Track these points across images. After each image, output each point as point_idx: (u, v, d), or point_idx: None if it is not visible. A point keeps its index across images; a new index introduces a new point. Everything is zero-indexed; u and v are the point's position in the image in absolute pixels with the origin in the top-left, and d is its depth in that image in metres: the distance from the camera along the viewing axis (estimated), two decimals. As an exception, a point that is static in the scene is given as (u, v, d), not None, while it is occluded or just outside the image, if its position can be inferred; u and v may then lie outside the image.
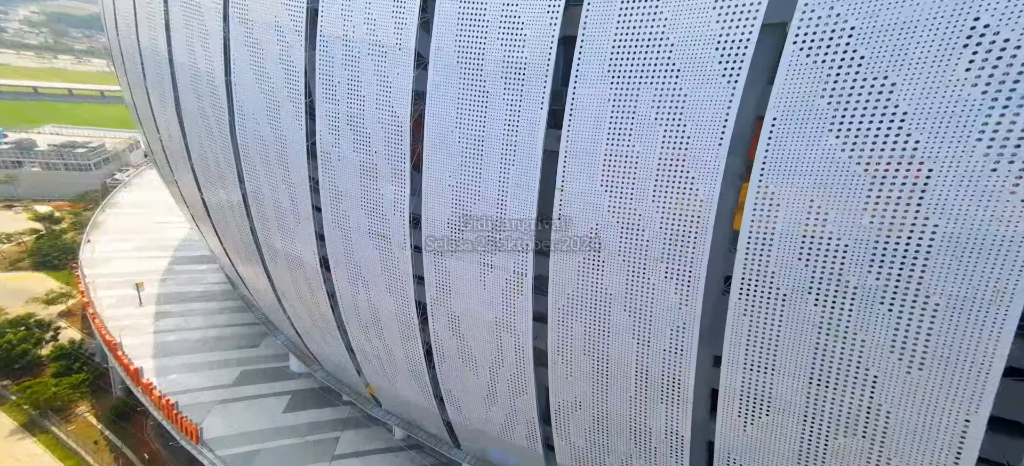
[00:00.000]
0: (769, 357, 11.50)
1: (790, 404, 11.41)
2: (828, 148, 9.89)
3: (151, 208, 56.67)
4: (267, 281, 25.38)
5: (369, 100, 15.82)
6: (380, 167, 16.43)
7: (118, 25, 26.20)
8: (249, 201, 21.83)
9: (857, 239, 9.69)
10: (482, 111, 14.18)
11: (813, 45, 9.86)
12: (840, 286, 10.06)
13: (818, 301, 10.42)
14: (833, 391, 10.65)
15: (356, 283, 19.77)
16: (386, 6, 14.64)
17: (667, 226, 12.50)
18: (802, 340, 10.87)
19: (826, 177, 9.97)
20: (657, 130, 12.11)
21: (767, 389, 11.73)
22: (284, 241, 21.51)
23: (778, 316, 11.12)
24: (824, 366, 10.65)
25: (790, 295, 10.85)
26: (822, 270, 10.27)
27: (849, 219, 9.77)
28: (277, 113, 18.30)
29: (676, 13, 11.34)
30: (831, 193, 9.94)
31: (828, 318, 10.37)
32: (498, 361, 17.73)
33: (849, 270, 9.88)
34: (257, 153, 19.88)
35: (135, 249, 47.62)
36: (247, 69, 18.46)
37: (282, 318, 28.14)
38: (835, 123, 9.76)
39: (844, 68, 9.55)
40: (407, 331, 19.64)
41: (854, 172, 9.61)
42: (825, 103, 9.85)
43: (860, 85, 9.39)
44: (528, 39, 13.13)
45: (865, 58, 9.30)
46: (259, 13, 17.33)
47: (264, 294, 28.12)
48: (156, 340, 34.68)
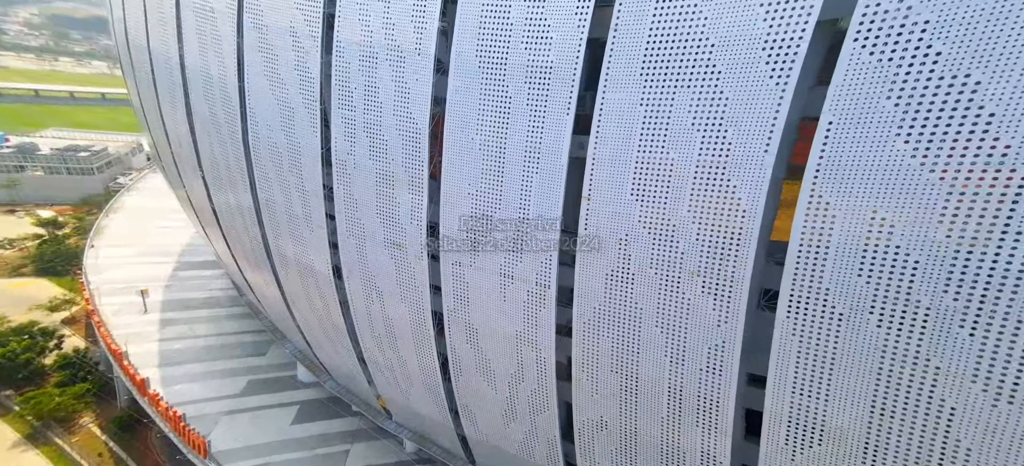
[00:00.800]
0: (823, 382, 10.58)
1: (848, 434, 10.50)
2: (895, 154, 8.95)
3: (154, 213, 55.99)
4: (277, 289, 24.67)
5: (386, 106, 15.08)
6: (397, 174, 15.65)
7: (127, 28, 25.60)
8: (260, 207, 21.16)
9: (931, 255, 8.75)
10: (504, 117, 13.36)
11: (878, 41, 8.91)
12: (909, 306, 9.13)
13: (882, 322, 9.49)
14: (899, 422, 9.73)
15: (370, 292, 19.00)
16: (405, 10, 13.97)
17: (705, 238, 11.60)
18: (862, 364, 9.95)
19: (892, 186, 9.03)
20: (694, 136, 11.21)
21: (820, 416, 10.82)
22: (296, 248, 20.78)
23: (834, 337, 10.20)
24: (889, 394, 9.72)
25: (848, 314, 9.92)
26: (887, 288, 9.33)
27: (921, 233, 8.82)
28: (291, 119, 17.70)
29: (718, 12, 10.47)
30: (899, 203, 9.00)
31: (894, 341, 9.44)
32: (518, 376, 16.89)
33: (920, 289, 8.95)
34: (270, 160, 19.24)
35: (139, 254, 46.99)
36: (261, 75, 17.92)
37: (291, 326, 27.44)
38: (904, 126, 8.81)
39: (916, 66, 8.59)
40: (422, 342, 18.85)
41: (927, 181, 8.66)
42: (892, 105, 8.91)
43: (936, 85, 8.43)
44: (554, 42, 12.36)
45: (942, 54, 8.34)
46: (274, 18, 16.79)
47: (273, 302, 27.44)
48: (161, 348, 34.03)
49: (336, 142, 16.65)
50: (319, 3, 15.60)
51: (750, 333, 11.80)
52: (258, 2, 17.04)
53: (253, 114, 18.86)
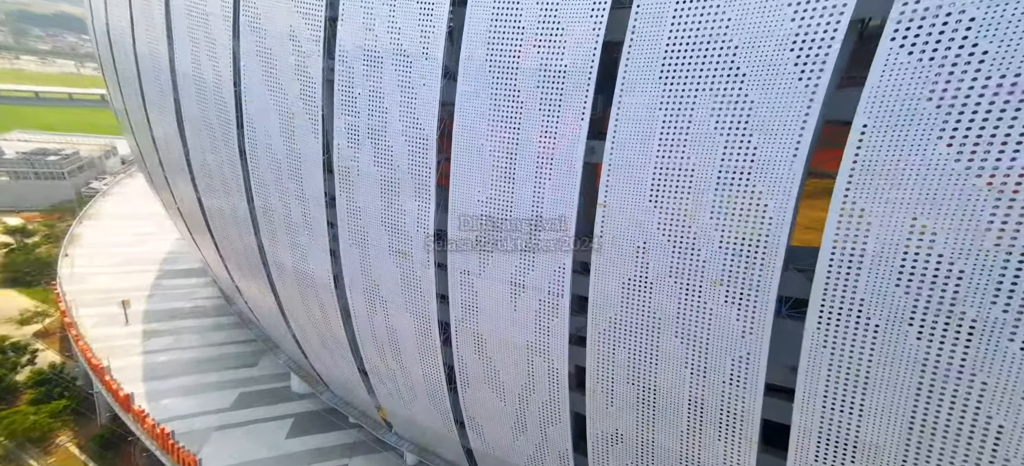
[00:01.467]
0: (857, 396, 10.20)
1: (883, 451, 10.14)
2: (937, 158, 8.52)
3: (133, 219, 53.34)
4: (272, 298, 23.58)
5: (392, 112, 14.35)
6: (403, 182, 14.88)
7: (110, 28, 24.13)
8: (257, 214, 20.12)
9: (977, 265, 8.37)
10: (516, 122, 12.71)
11: (918, 40, 8.46)
12: (953, 318, 8.76)
13: (922, 335, 9.11)
14: (941, 440, 9.38)
15: (373, 302, 18.17)
16: (412, 14, 13.28)
17: (728, 246, 11.10)
18: (900, 379, 9.57)
19: (934, 192, 8.61)
20: (717, 141, 10.69)
21: (853, 432, 10.45)
22: (294, 257, 19.78)
23: (869, 350, 9.80)
24: (929, 410, 9.36)
25: (885, 326, 9.52)
26: (928, 299, 8.94)
27: (966, 241, 8.43)
28: (291, 125, 16.86)
29: (742, 13, 9.95)
30: (941, 210, 8.59)
31: (935, 354, 9.07)
32: (529, 387, 16.27)
33: (965, 300, 8.57)
34: (268, 166, 18.29)
35: (118, 263, 44.70)
36: (259, 80, 17.00)
37: (285, 336, 26.34)
38: (947, 129, 8.39)
39: (960, 66, 8.16)
40: (427, 353, 18.10)
41: (973, 186, 8.26)
42: (933, 106, 8.47)
43: (982, 85, 8.01)
44: (568, 45, 11.73)
45: (988, 54, 7.92)
46: (273, 22, 15.91)
47: (267, 311, 26.32)
48: (146, 362, 32.33)
49: (339, 148, 15.81)
50: (321, 6, 14.76)
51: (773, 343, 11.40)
52: (255, 5, 16.08)
53: (250, 119, 17.90)
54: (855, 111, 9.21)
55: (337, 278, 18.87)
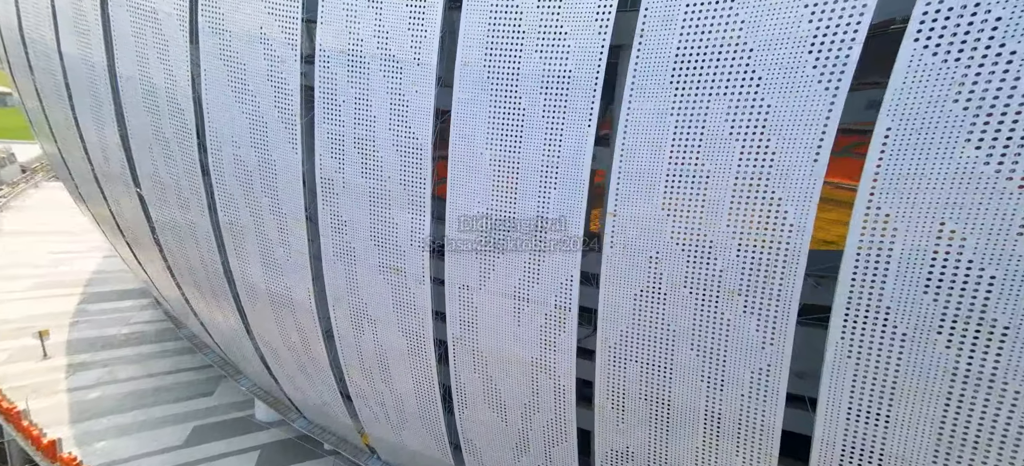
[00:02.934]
0: (882, 407, 9.86)
1: (911, 463, 9.80)
2: (965, 161, 8.30)
3: (44, 236, 46.53)
4: (238, 320, 21.81)
5: (381, 121, 13.31)
6: (394, 193, 13.84)
7: (22, 24, 21.31)
8: (223, 232, 18.45)
9: (1010, 270, 8.14)
10: (518, 130, 12.02)
11: (942, 41, 8.26)
12: (983, 326, 8.51)
13: (952, 343, 8.83)
14: (971, 450, 9.11)
15: (361, 322, 16.97)
16: (400, 17, 12.32)
17: (746, 254, 10.67)
18: (928, 389, 9.27)
19: (963, 195, 8.38)
20: (733, 146, 10.29)
21: (879, 444, 10.10)
22: (268, 277, 18.28)
23: (896, 359, 9.48)
24: (959, 420, 9.09)
25: (912, 335, 9.22)
26: (958, 306, 8.68)
27: (997, 245, 8.21)
28: (264, 134, 15.39)
29: (756, 15, 9.59)
30: (970, 214, 8.36)
31: (966, 363, 8.80)
32: (532, 405, 15.43)
33: (997, 307, 8.33)
34: (236, 179, 16.68)
35: (30, 288, 38.69)
36: (223, 86, 15.42)
37: (251, 360, 24.38)
38: (975, 131, 8.18)
39: (986, 67, 7.98)
40: (422, 374, 17.00)
41: (1004, 189, 8.05)
42: (961, 108, 8.27)
43: (1011, 86, 7.83)
44: (572, 50, 11.16)
45: (1017, 53, 7.75)
46: (238, 23, 14.45)
47: (230, 334, 24.28)
48: (73, 400, 27.86)
49: (321, 159, 14.61)
50: (296, 7, 13.61)
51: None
52: (217, 5, 14.77)
53: (214, 128, 16.24)
54: (878, 114, 8.96)
55: (319, 297, 17.60)
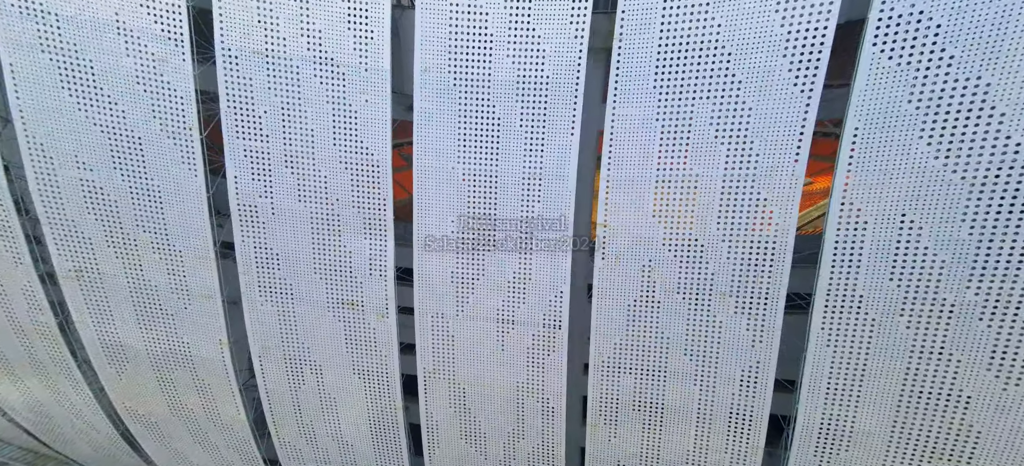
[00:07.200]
0: (854, 388, 10.74)
1: (872, 435, 10.88)
2: (920, 156, 9.24)
3: None
4: (86, 395, 16.43)
5: (321, 135, 10.84)
6: (345, 218, 11.53)
7: None
8: (63, 286, 13.53)
9: (955, 254, 9.26)
10: (494, 141, 10.79)
11: (895, 45, 9.09)
12: (936, 305, 9.60)
13: (911, 324, 9.86)
14: (921, 417, 10.31)
15: (300, 371, 14.10)
16: (334, 16, 10.18)
17: (736, 256, 10.89)
18: (892, 366, 10.28)
19: (919, 188, 9.32)
20: (719, 149, 10.38)
21: (849, 422, 11.01)
22: (151, 335, 14.13)
23: (866, 344, 10.35)
24: (913, 392, 10.23)
25: (879, 319, 10.13)
26: (916, 289, 9.69)
27: (946, 232, 9.28)
28: (137, 153, 11.73)
29: (730, 18, 9.74)
30: (925, 205, 9.34)
31: (921, 340, 9.89)
32: (517, 433, 14.28)
33: (946, 287, 9.45)
34: (89, 212, 12.16)
35: None
36: (54, 88, 11.00)
37: (97, 439, 18.85)
38: (926, 129, 9.15)
39: (932, 70, 8.93)
40: (384, 418, 14.80)
41: (950, 181, 9.11)
42: (913, 108, 9.19)
43: (952, 87, 8.85)
44: (548, 54, 10.32)
45: (955, 58, 8.77)
46: (75, 6, 10.51)
47: (67, 410, 18.30)
48: None
49: (239, 182, 11.59)
50: None
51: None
52: None
53: (38, 146, 11.59)
54: (846, 114, 9.65)
55: (237, 348, 14.02)
